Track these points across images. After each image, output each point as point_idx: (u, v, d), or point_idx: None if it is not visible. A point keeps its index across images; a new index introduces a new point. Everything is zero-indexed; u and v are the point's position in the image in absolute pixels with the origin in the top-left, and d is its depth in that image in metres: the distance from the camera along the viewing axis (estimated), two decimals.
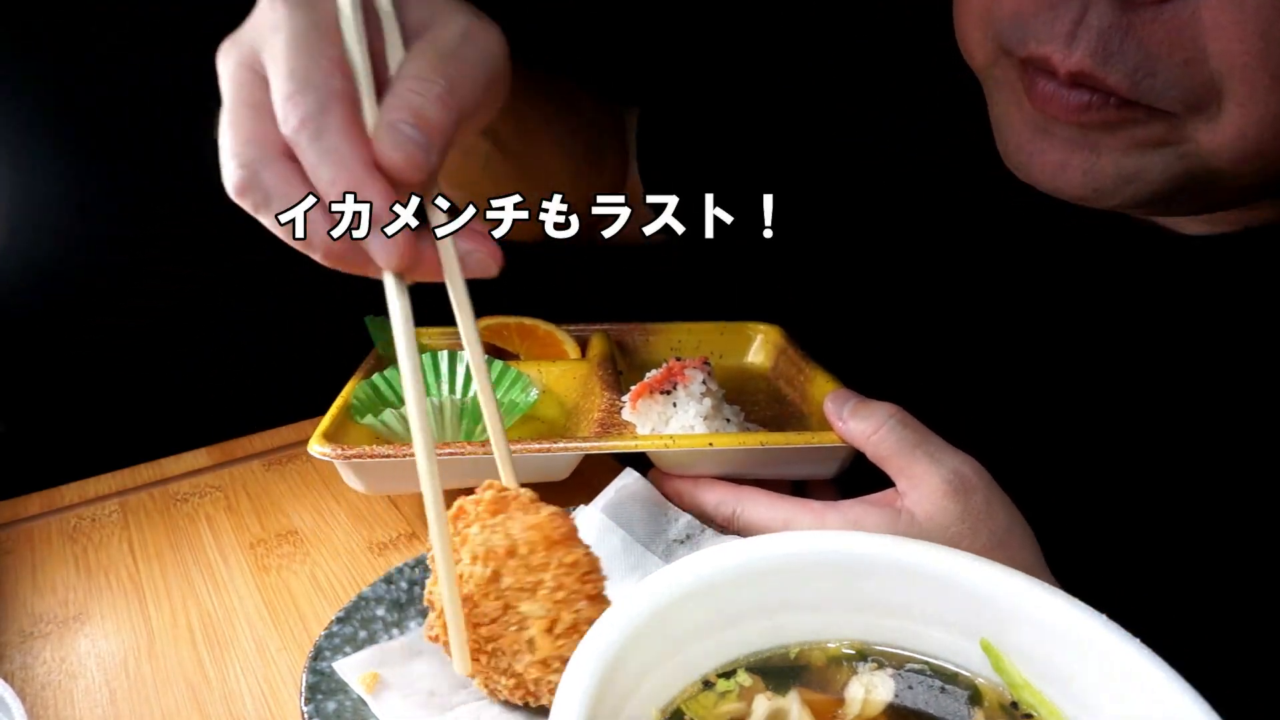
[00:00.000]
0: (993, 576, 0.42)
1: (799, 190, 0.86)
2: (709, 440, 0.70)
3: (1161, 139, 0.55)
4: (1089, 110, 0.55)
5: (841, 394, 0.69)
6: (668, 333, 0.95)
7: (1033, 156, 0.60)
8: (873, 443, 0.64)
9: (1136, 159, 0.56)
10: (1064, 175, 0.58)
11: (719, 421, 0.74)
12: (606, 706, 0.37)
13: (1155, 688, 0.36)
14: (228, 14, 0.56)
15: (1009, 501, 0.62)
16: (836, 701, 0.42)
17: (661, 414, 0.73)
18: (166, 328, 1.15)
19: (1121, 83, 0.52)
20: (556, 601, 0.51)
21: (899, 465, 0.63)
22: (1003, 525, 0.60)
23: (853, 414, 0.67)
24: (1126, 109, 0.54)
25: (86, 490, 0.88)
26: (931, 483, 0.61)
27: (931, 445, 0.62)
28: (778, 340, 0.94)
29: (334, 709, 0.56)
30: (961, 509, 0.60)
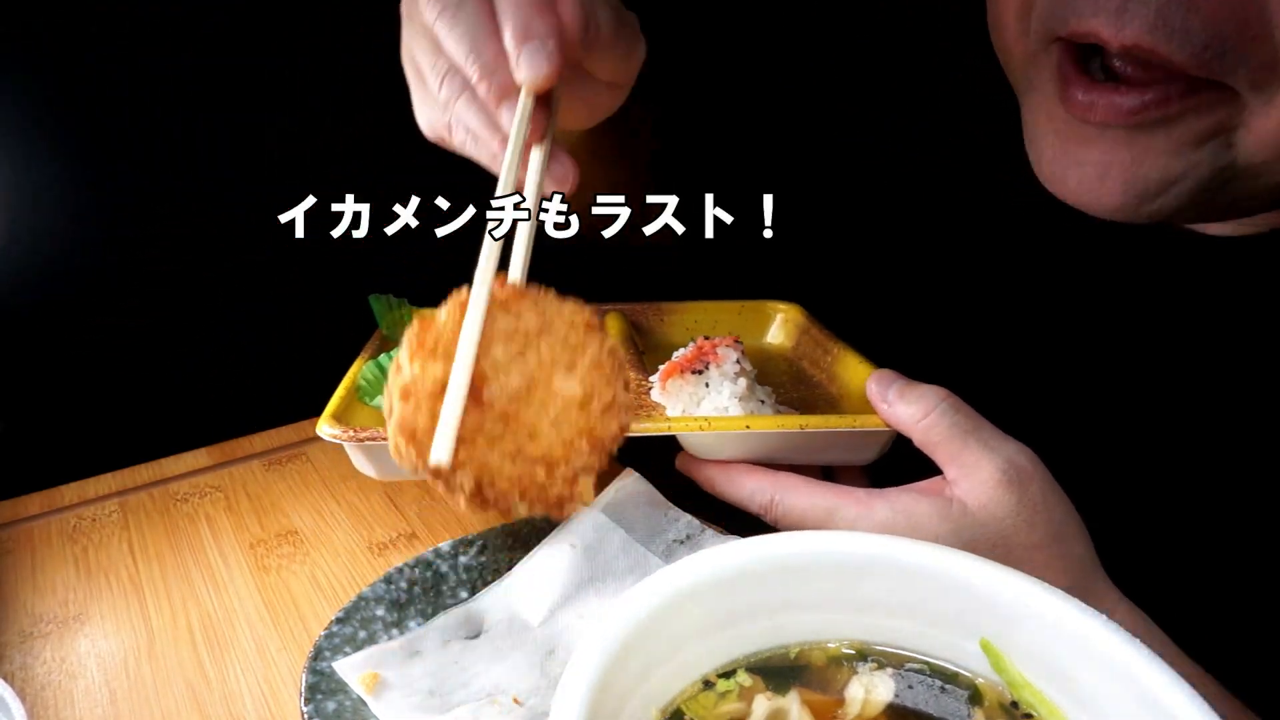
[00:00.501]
0: (993, 576, 0.41)
1: (802, 188, 0.86)
2: (745, 423, 0.66)
3: (1214, 130, 0.51)
4: (1145, 110, 0.51)
5: (886, 375, 0.65)
6: (684, 313, 0.91)
7: (1069, 168, 0.56)
8: (922, 428, 0.61)
9: (1185, 158, 0.52)
10: (1102, 187, 0.55)
11: (753, 403, 0.70)
12: (606, 706, 0.37)
13: (1155, 688, 0.36)
14: (228, 14, 0.55)
15: (1064, 494, 0.59)
16: (836, 701, 0.42)
17: (693, 395, 0.70)
18: (166, 328, 1.15)
19: (1190, 61, 0.48)
20: (594, 380, 0.47)
21: (950, 453, 0.60)
22: (1058, 518, 0.58)
23: (900, 397, 0.63)
24: (1190, 97, 0.50)
25: (86, 490, 0.88)
26: (985, 472, 0.58)
27: (985, 433, 0.59)
28: (799, 319, 0.90)
29: (334, 709, 0.56)
30: (1017, 500, 0.57)
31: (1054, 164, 0.57)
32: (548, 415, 0.45)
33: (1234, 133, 0.51)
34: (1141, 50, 0.49)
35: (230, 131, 1.12)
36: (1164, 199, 0.54)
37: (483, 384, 0.45)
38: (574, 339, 0.47)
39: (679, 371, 0.70)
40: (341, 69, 1.17)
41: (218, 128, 1.12)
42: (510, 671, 0.60)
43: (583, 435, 0.45)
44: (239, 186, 1.12)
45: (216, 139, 1.12)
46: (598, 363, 0.47)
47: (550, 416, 0.45)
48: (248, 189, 1.12)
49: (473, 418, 0.44)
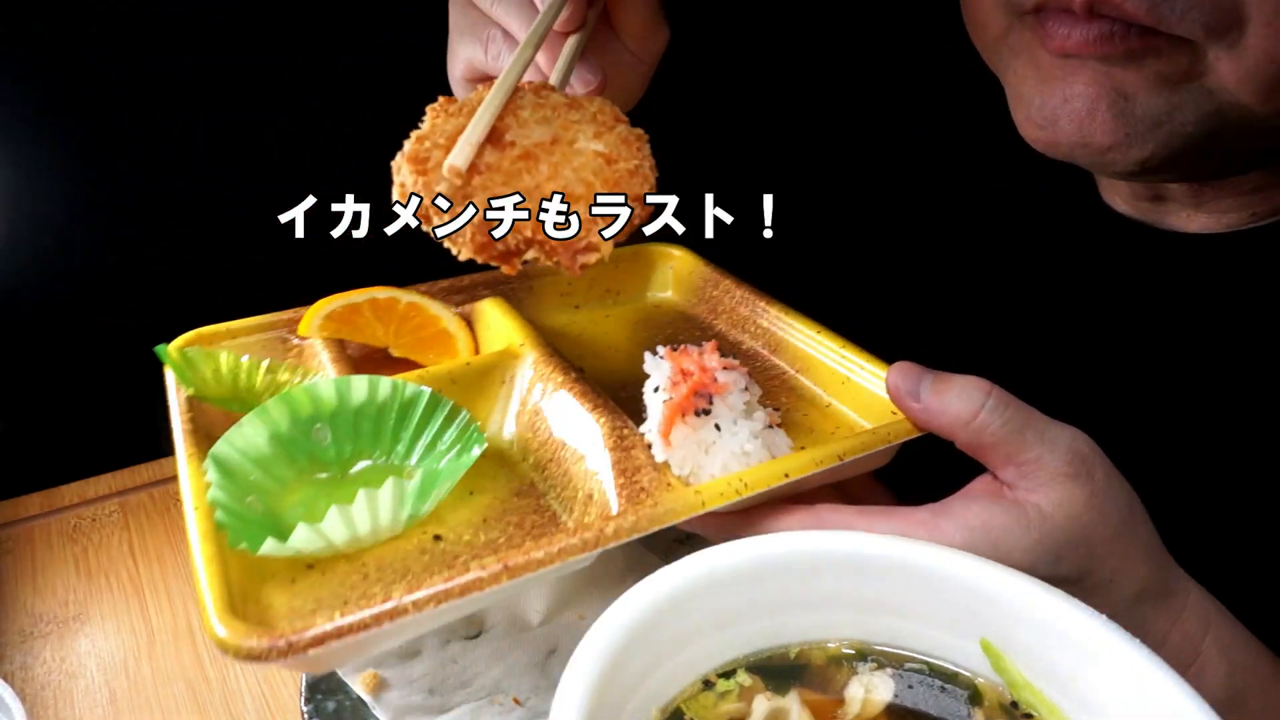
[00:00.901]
0: (993, 576, 0.41)
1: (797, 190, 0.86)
2: (784, 471, 0.53)
3: (1185, 72, 0.53)
4: (1110, 40, 0.53)
5: (910, 370, 0.58)
6: (552, 274, 0.74)
7: (1058, 108, 0.57)
8: (972, 430, 0.54)
9: (1166, 97, 0.54)
10: (1094, 121, 0.56)
11: (769, 434, 0.57)
12: (606, 706, 0.37)
13: (1155, 687, 0.36)
14: (228, 14, 0.55)
15: (1121, 474, 0.55)
16: (836, 701, 0.42)
17: (701, 443, 0.55)
18: (166, 328, 1.15)
19: (1139, 7, 0.51)
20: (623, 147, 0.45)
21: (1007, 453, 0.53)
22: (1125, 502, 0.54)
23: (936, 395, 0.55)
24: (1147, 37, 0.53)
25: (86, 490, 0.88)
26: (1051, 468, 0.53)
27: (1039, 424, 0.54)
28: (694, 266, 0.76)
29: (334, 709, 0.56)
30: (1088, 493, 0.52)
31: (1042, 109, 0.58)
32: (570, 164, 0.44)
33: (1204, 79, 0.53)
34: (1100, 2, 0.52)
35: (230, 131, 1.13)
36: (1160, 134, 0.55)
37: (505, 130, 0.44)
38: (602, 118, 0.47)
39: (681, 416, 0.56)
40: (341, 69, 1.17)
41: (218, 128, 1.12)
42: (510, 671, 0.60)
43: (607, 186, 0.43)
44: (239, 186, 1.12)
45: (216, 139, 1.13)
46: (625, 139, 0.46)
47: (573, 165, 0.44)
48: (248, 189, 1.12)
49: (492, 155, 0.42)
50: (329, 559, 0.49)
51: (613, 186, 0.43)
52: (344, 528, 0.48)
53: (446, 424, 0.56)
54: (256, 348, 0.64)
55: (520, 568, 0.45)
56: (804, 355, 0.67)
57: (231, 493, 0.49)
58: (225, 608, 0.43)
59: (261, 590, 0.47)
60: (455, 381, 0.60)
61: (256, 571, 0.48)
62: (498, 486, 0.56)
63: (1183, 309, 0.66)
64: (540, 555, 0.46)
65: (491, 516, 0.54)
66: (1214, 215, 0.65)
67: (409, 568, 0.49)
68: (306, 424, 0.54)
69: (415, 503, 0.50)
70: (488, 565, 0.45)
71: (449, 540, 0.51)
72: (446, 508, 0.53)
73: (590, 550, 0.47)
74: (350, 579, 0.48)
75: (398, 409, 0.55)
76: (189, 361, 0.59)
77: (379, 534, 0.50)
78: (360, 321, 0.65)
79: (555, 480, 0.57)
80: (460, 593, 0.44)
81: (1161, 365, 0.67)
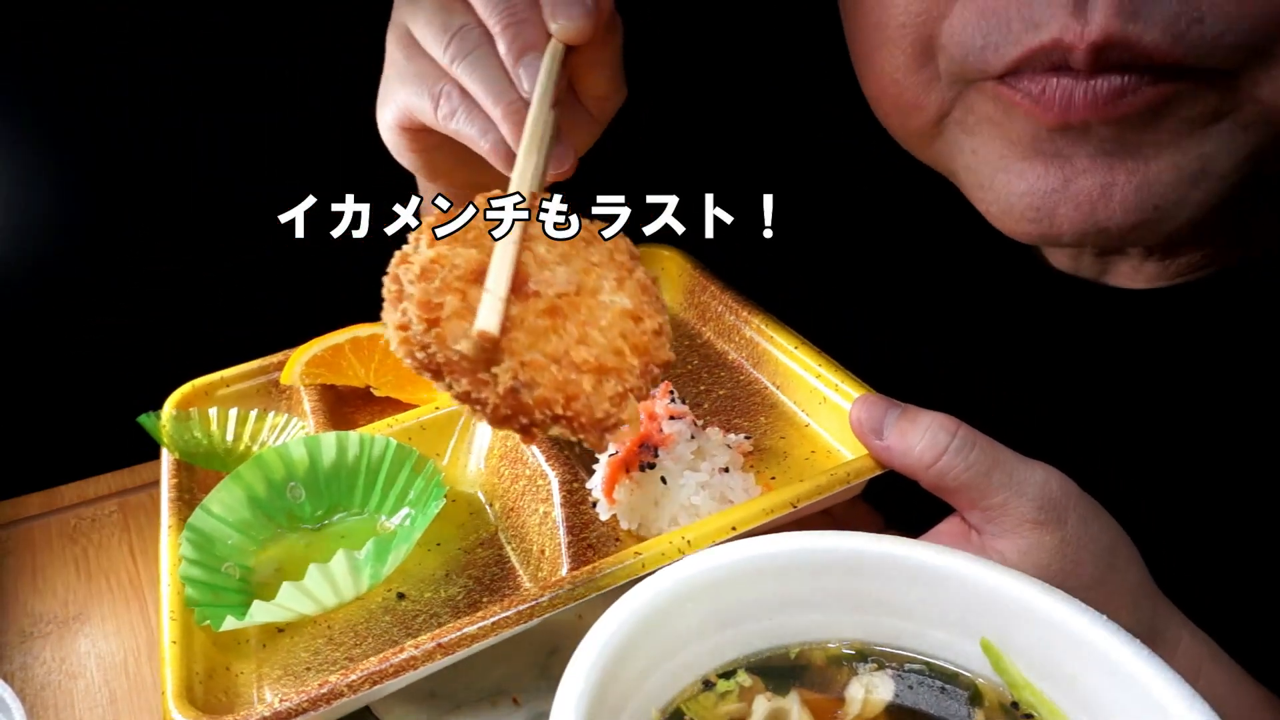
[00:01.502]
0: (993, 576, 0.41)
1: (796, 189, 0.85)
2: (730, 524, 0.52)
3: (1214, 112, 0.44)
4: (1123, 97, 0.43)
5: (875, 404, 0.54)
6: None
7: (1054, 194, 0.47)
8: (934, 473, 0.51)
9: (1196, 149, 0.45)
10: (1109, 203, 0.46)
11: (719, 480, 0.55)
12: (606, 706, 0.37)
13: (1155, 688, 0.36)
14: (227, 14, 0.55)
15: (1103, 511, 0.51)
16: (836, 702, 0.42)
17: (648, 497, 0.54)
18: (166, 327, 1.15)
19: (1162, 39, 0.41)
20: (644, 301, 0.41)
21: (971, 497, 0.50)
22: (1105, 545, 0.50)
23: (899, 435, 0.52)
24: (1169, 82, 0.43)
25: (86, 490, 0.88)
26: (1018, 514, 0.49)
27: (1007, 466, 0.50)
28: (686, 268, 0.74)
29: None
30: (1058, 540, 0.49)
31: (1033, 196, 0.48)
32: (598, 324, 0.39)
33: (1241, 111, 0.44)
34: (1112, 44, 0.42)
35: (230, 131, 1.12)
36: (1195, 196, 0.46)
37: (526, 274, 0.39)
38: (619, 258, 0.42)
39: (624, 471, 0.55)
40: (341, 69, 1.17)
41: (218, 128, 1.12)
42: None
43: (635, 353, 0.40)
44: (239, 186, 1.12)
45: (216, 139, 1.12)
46: (644, 286, 0.42)
47: (601, 325, 0.39)
48: (248, 189, 1.12)
49: (515, 306, 0.38)
50: (298, 623, 0.53)
51: (641, 353, 0.40)
52: (302, 598, 0.51)
53: (414, 475, 0.59)
54: (250, 393, 0.67)
55: (453, 645, 0.47)
56: (784, 370, 0.66)
57: (206, 563, 0.53)
58: (181, 693, 0.45)
59: (235, 659, 0.50)
60: (425, 429, 0.62)
61: (231, 640, 0.51)
62: (463, 536, 0.59)
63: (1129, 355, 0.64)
64: (474, 630, 0.47)
65: (454, 570, 0.56)
66: (1161, 264, 0.60)
67: (370, 630, 0.52)
68: (280, 484, 0.58)
69: (374, 567, 0.53)
70: (421, 644, 0.46)
71: (411, 598, 0.54)
72: (412, 561, 0.56)
73: (526, 622, 0.48)
74: (315, 643, 0.51)
75: (366, 464, 0.59)
76: (174, 426, 0.62)
77: (343, 599, 0.53)
78: (342, 364, 0.67)
79: (516, 530, 0.58)
80: (395, 673, 0.46)
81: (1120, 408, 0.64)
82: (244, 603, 0.50)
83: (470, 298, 0.37)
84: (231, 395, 0.67)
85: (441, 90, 0.54)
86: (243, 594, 0.52)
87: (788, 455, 0.62)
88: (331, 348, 0.67)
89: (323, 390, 0.66)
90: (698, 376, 0.68)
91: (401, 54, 0.57)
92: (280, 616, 0.51)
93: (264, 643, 0.52)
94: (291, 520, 0.58)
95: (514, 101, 0.50)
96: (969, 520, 0.52)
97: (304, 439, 0.58)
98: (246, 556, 0.56)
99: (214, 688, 0.48)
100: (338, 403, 0.67)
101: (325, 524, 0.58)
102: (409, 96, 0.56)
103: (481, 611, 0.48)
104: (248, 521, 0.56)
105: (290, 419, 0.63)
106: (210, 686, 0.48)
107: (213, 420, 0.63)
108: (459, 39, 0.52)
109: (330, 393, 0.67)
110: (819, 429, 0.63)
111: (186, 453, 0.62)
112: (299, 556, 0.53)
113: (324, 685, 0.44)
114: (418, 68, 0.55)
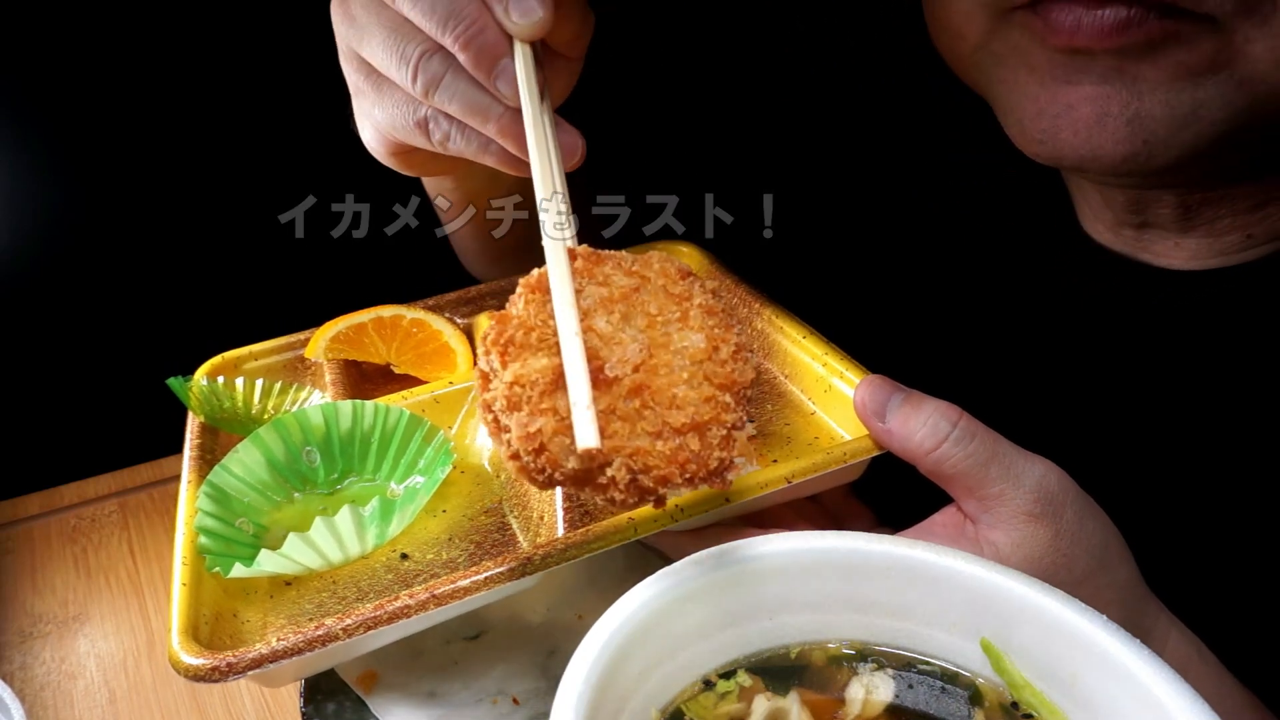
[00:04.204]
0: (993, 576, 0.41)
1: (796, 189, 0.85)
2: (723, 496, 0.53)
3: (1211, 61, 0.46)
4: (1128, 28, 0.46)
5: (880, 386, 0.55)
6: None
7: (1059, 117, 0.50)
8: (933, 460, 0.52)
9: (1190, 92, 0.47)
10: (1103, 130, 0.49)
11: None
12: (606, 706, 0.37)
13: (1155, 688, 0.36)
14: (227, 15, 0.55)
15: (1098, 509, 0.52)
16: (836, 702, 0.42)
17: None
18: (165, 327, 1.15)
19: None
20: (713, 327, 0.41)
21: (968, 485, 0.51)
22: (1098, 544, 0.51)
23: (901, 420, 0.53)
24: (1168, 19, 0.45)
25: (86, 490, 0.88)
26: (1014, 506, 0.50)
27: (1006, 457, 0.51)
28: (702, 264, 0.76)
29: (334, 709, 0.56)
30: (1052, 534, 0.50)
31: (1042, 119, 0.51)
32: (680, 378, 0.40)
33: (1237, 67, 0.46)
34: None
35: (230, 131, 1.13)
36: (1184, 137, 0.49)
37: (599, 361, 0.40)
38: (673, 288, 0.42)
39: None
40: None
41: (217, 127, 1.12)
42: (510, 672, 0.60)
43: (724, 389, 0.40)
44: (238, 186, 1.12)
45: (216, 139, 1.13)
46: (707, 308, 0.42)
47: (683, 378, 0.40)
48: (247, 189, 1.12)
49: (601, 400, 0.39)
50: (305, 577, 0.54)
51: (729, 386, 0.41)
52: (309, 551, 0.52)
53: (424, 444, 0.60)
54: (276, 368, 0.69)
55: (447, 596, 0.48)
56: (792, 359, 0.66)
57: (221, 516, 0.54)
58: (186, 630, 0.47)
59: (243, 606, 0.52)
60: (439, 401, 0.63)
61: (240, 589, 0.53)
62: (468, 504, 0.60)
63: (1164, 345, 0.63)
64: (467, 584, 0.48)
65: (457, 535, 0.57)
66: (1204, 240, 0.60)
67: (373, 586, 0.53)
68: (297, 449, 0.59)
69: (379, 527, 0.54)
70: (416, 594, 0.47)
71: (414, 559, 0.55)
72: (418, 525, 0.57)
73: (517, 579, 0.49)
74: (320, 596, 0.53)
75: (380, 432, 0.60)
76: (202, 391, 0.64)
77: (348, 556, 0.54)
78: (364, 341, 0.69)
79: (519, 499, 0.59)
80: (389, 619, 0.47)
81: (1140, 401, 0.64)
82: (255, 556, 0.52)
83: (560, 409, 0.38)
84: (258, 368, 0.69)
85: (427, 116, 0.53)
86: (254, 549, 0.53)
87: (791, 440, 0.62)
88: (355, 326, 0.69)
89: (345, 366, 0.68)
90: None
91: (367, 83, 0.55)
92: (286, 568, 0.52)
93: (271, 594, 0.53)
94: (305, 483, 0.59)
95: (502, 115, 0.51)
96: (964, 509, 0.53)
97: (321, 405, 0.59)
98: (260, 515, 0.56)
99: (220, 631, 0.49)
100: (359, 379, 0.68)
101: (337, 489, 0.60)
102: (393, 127, 0.55)
103: (475, 567, 0.49)
104: (264, 482, 0.58)
105: (312, 391, 0.65)
106: (216, 629, 0.49)
107: (239, 388, 0.64)
108: (423, 69, 0.51)
109: (352, 369, 0.68)
110: (824, 416, 0.63)
111: (211, 417, 0.63)
112: (310, 518, 0.54)
113: (320, 628, 0.46)
114: (391, 97, 0.54)
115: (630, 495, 0.39)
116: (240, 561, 0.50)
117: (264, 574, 0.52)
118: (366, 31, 0.53)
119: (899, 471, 0.55)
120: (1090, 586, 0.50)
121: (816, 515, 0.61)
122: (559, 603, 0.65)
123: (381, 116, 0.55)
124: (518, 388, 0.39)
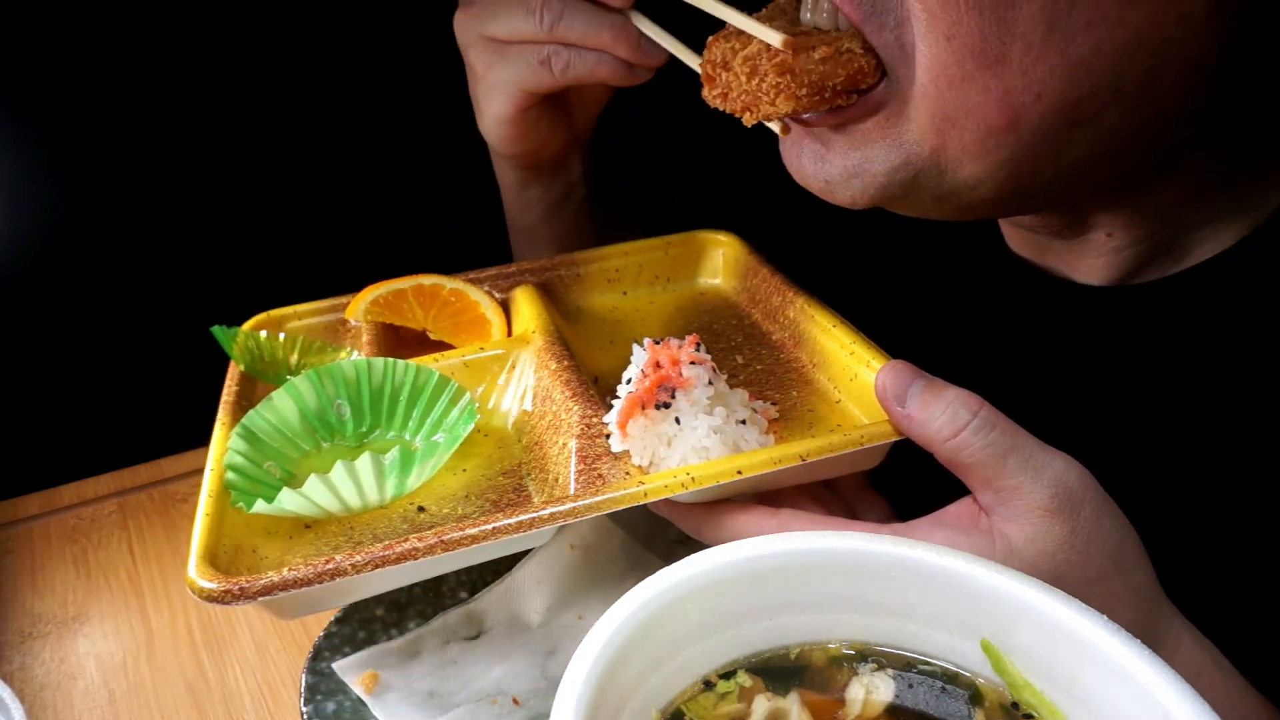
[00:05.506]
0: (993, 577, 0.41)
1: None
2: (736, 467, 0.53)
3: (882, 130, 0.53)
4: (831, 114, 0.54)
5: (902, 372, 0.55)
6: (601, 261, 0.77)
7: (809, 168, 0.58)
8: (951, 447, 0.51)
9: (862, 152, 0.54)
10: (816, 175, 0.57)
11: (733, 429, 0.57)
12: (606, 706, 0.37)
13: (1156, 688, 0.36)
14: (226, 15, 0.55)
15: (1117, 510, 0.51)
16: (837, 702, 0.42)
17: (661, 435, 0.56)
18: (165, 327, 1.15)
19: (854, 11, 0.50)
20: None
21: (985, 476, 0.51)
22: (1114, 544, 0.50)
23: (921, 405, 0.53)
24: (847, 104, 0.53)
25: (85, 490, 0.88)
26: (1030, 500, 0.50)
27: (1026, 449, 0.50)
28: (740, 254, 0.77)
29: (333, 709, 0.56)
30: (1068, 530, 0.49)
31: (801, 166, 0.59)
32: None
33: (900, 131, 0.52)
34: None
35: (229, 131, 1.13)
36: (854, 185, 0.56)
37: None
38: None
39: (640, 409, 0.56)
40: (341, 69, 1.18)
41: (217, 127, 1.12)
42: (510, 672, 0.60)
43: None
44: (236, 186, 1.12)
45: (215, 138, 1.13)
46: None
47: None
48: (245, 188, 1.12)
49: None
50: (324, 521, 0.55)
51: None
52: (328, 494, 0.54)
53: (450, 405, 0.61)
54: (317, 329, 0.72)
55: (454, 542, 0.50)
56: (821, 348, 0.67)
57: (251, 457, 0.56)
58: (204, 555, 0.49)
59: (263, 543, 0.54)
60: (468, 366, 0.65)
61: (261, 528, 0.54)
62: (488, 465, 0.61)
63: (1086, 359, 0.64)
64: (475, 532, 0.50)
65: (475, 492, 0.58)
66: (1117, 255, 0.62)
67: (388, 533, 0.55)
68: (329, 399, 0.61)
69: (399, 477, 0.56)
70: (425, 538, 0.49)
71: (430, 512, 0.57)
72: (437, 481, 0.59)
73: (525, 530, 0.51)
74: (337, 540, 0.54)
75: (409, 389, 0.62)
76: (245, 341, 0.67)
77: (367, 503, 0.56)
78: (403, 306, 0.72)
79: (536, 462, 0.60)
80: (396, 559, 0.49)
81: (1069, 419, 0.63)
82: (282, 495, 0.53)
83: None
84: (300, 328, 0.71)
85: (548, 53, 0.66)
86: (278, 490, 0.54)
87: (813, 426, 0.62)
88: (396, 291, 0.72)
89: (383, 329, 0.70)
90: (739, 351, 0.70)
91: (495, 55, 0.68)
92: (305, 508, 0.54)
93: (291, 535, 0.55)
94: (334, 435, 0.61)
95: (614, 24, 0.65)
96: (980, 501, 0.52)
97: (355, 360, 0.61)
98: (288, 462, 0.59)
99: (238, 563, 0.52)
100: (396, 344, 0.70)
101: (364, 442, 0.61)
102: (519, 79, 0.68)
103: (486, 518, 0.51)
104: (295, 430, 0.59)
105: (351, 352, 0.68)
106: (235, 560, 0.52)
107: (280, 341, 0.68)
108: (547, 10, 0.65)
109: (390, 333, 0.70)
110: (850, 404, 0.63)
111: (251, 367, 0.66)
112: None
113: (329, 562, 0.48)
114: (516, 53, 0.67)
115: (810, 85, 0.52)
116: (263, 499, 0.52)
117: (284, 512, 0.53)
118: (489, 10, 0.67)
119: (918, 464, 0.54)
120: (1103, 587, 0.49)
121: (831, 501, 0.61)
122: (559, 603, 0.65)
123: (509, 74, 0.68)
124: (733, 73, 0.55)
